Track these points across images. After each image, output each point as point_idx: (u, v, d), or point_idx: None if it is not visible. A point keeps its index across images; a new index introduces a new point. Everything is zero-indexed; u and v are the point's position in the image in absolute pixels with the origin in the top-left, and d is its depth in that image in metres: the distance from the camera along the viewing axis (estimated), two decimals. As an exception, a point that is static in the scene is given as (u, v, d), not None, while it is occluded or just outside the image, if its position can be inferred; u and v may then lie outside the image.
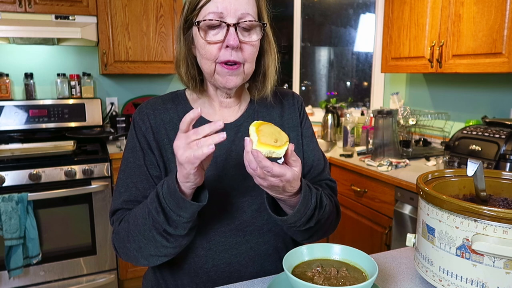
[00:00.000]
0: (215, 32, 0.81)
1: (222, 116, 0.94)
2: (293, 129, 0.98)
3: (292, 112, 1.00)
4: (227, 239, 0.88)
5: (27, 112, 2.60)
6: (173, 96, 0.96)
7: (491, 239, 0.66)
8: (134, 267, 2.51)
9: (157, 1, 2.61)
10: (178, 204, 0.73)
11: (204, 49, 0.82)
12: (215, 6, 0.79)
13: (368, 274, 0.73)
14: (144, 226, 0.78)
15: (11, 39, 2.46)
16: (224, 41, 0.80)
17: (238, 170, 0.90)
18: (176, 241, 0.79)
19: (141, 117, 0.92)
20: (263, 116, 0.96)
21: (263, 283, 0.85)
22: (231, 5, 0.80)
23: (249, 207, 0.89)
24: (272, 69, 0.91)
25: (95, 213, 2.31)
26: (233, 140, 0.92)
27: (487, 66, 1.87)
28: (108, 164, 2.31)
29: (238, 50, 0.81)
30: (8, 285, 2.18)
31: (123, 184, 0.89)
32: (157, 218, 0.76)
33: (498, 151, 1.77)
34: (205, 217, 0.86)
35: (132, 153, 0.91)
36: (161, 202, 0.75)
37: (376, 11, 3.01)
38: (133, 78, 2.97)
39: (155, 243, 0.79)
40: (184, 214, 0.74)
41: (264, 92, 0.93)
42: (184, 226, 0.76)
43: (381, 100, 3.05)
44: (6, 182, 2.10)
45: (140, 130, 0.91)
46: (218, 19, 0.80)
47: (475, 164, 0.75)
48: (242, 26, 0.81)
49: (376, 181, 2.12)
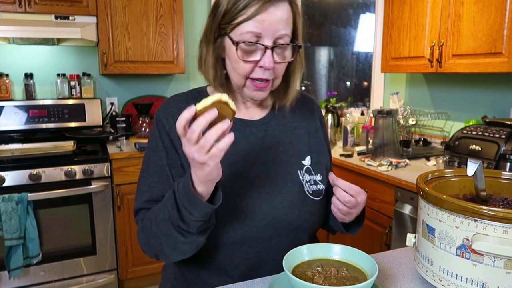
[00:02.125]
0: (251, 50, 0.82)
1: (248, 114, 0.96)
2: (314, 134, 1.02)
3: (312, 117, 1.04)
4: (260, 233, 0.89)
5: (27, 112, 2.60)
6: (195, 94, 0.97)
7: (491, 239, 0.66)
8: (134, 267, 2.51)
9: (157, 1, 2.61)
10: (190, 201, 0.73)
11: (238, 64, 0.83)
12: (254, 26, 0.79)
13: (368, 274, 0.73)
14: (163, 221, 0.79)
15: (11, 39, 2.46)
16: (259, 62, 0.82)
17: (269, 167, 0.92)
18: (191, 237, 0.79)
19: (165, 115, 0.92)
20: (287, 115, 0.99)
21: (263, 283, 0.85)
22: (271, 26, 0.79)
23: (281, 204, 0.91)
24: (297, 82, 0.94)
25: (95, 213, 2.31)
26: (263, 137, 0.94)
27: (487, 66, 1.87)
28: (108, 164, 2.31)
29: (271, 69, 0.83)
30: (8, 285, 2.18)
31: (145, 184, 0.91)
32: (172, 213, 0.77)
33: (498, 151, 1.77)
34: (240, 213, 0.88)
35: (154, 152, 0.91)
36: (176, 198, 0.76)
37: (376, 11, 3.01)
38: (133, 78, 2.97)
39: (172, 239, 0.80)
40: (195, 213, 0.74)
41: (286, 101, 0.96)
42: (194, 225, 0.76)
43: (381, 100, 3.05)
44: (6, 182, 2.10)
45: (164, 128, 0.91)
46: (255, 39, 0.80)
47: (475, 164, 0.75)
48: (278, 47, 0.82)
49: (376, 181, 2.12)
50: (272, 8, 0.79)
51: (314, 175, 0.96)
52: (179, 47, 2.71)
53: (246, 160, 0.91)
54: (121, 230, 2.43)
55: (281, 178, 0.92)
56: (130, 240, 2.47)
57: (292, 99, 0.95)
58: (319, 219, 0.97)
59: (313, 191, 0.94)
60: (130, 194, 2.42)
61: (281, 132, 0.97)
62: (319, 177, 0.97)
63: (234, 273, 0.91)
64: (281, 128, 0.97)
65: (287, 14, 0.81)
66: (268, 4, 0.78)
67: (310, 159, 0.97)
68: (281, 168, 0.93)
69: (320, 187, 0.96)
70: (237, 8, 0.79)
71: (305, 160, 0.96)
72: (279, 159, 0.94)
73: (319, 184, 0.96)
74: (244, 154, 0.91)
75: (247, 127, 0.93)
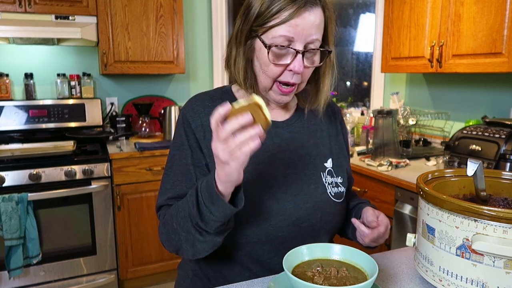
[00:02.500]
0: (282, 53, 0.82)
1: (272, 115, 0.95)
2: (335, 137, 1.03)
3: (334, 120, 1.05)
4: (284, 233, 0.90)
5: (27, 112, 2.60)
6: (221, 93, 0.97)
7: (491, 239, 0.66)
8: (134, 267, 2.51)
9: (157, 1, 2.61)
10: (212, 200, 0.74)
11: (268, 67, 0.84)
12: (287, 30, 0.79)
13: (368, 274, 0.73)
14: (183, 218, 0.80)
15: (11, 39, 2.46)
16: (289, 65, 0.82)
17: (293, 169, 0.93)
18: (208, 236, 0.79)
19: (192, 114, 0.92)
20: (310, 118, 1.00)
21: (263, 283, 0.85)
22: (304, 31, 0.80)
23: (304, 205, 0.91)
24: (327, 86, 0.94)
25: (95, 213, 2.31)
26: (287, 138, 0.94)
27: (487, 66, 1.87)
28: (108, 164, 2.31)
29: (300, 73, 0.83)
30: (8, 285, 2.18)
31: (169, 181, 0.92)
32: (192, 211, 0.77)
33: (498, 151, 1.77)
34: (265, 212, 0.88)
35: (179, 150, 0.92)
36: (198, 195, 0.76)
37: (376, 11, 3.01)
38: (133, 78, 2.97)
39: (191, 236, 0.80)
40: (215, 212, 0.74)
41: (317, 106, 0.96)
42: (213, 225, 0.77)
43: (381, 100, 3.05)
44: (6, 182, 2.10)
45: (190, 127, 0.91)
46: (287, 43, 0.81)
47: (475, 164, 0.75)
48: (308, 51, 0.83)
49: (376, 181, 2.12)
50: (306, 14, 0.79)
51: (335, 177, 0.97)
52: (179, 47, 2.71)
53: (271, 160, 0.91)
54: (121, 230, 2.43)
55: (305, 179, 0.93)
56: (130, 240, 2.46)
57: (323, 103, 0.95)
58: (340, 221, 0.99)
59: (335, 193, 0.95)
60: (130, 194, 2.42)
61: (305, 134, 0.97)
62: (340, 180, 0.98)
63: (256, 270, 0.91)
64: (305, 130, 0.98)
65: (320, 19, 0.82)
66: (303, 9, 0.79)
67: (331, 161, 0.98)
68: (305, 170, 0.94)
69: (341, 190, 0.97)
70: (270, 11, 0.79)
71: (327, 163, 0.97)
72: (303, 161, 0.94)
73: (340, 186, 0.97)
74: (269, 154, 0.92)
75: (272, 128, 0.93)
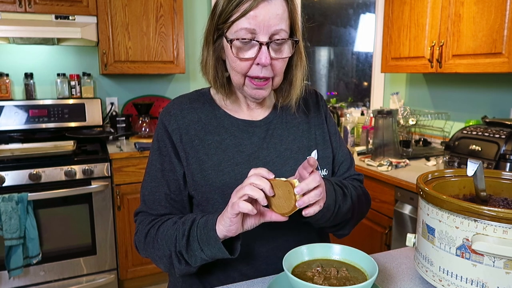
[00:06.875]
0: (247, 48, 0.81)
1: (250, 114, 0.95)
2: (319, 127, 1.00)
3: (317, 110, 1.02)
4: (266, 232, 0.89)
5: (27, 112, 2.60)
6: (198, 95, 0.97)
7: (491, 239, 0.66)
8: (134, 267, 2.51)
9: (157, 1, 2.61)
10: (208, 238, 0.76)
11: (235, 63, 0.83)
12: (247, 23, 0.78)
13: (368, 274, 0.73)
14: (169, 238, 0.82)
15: (11, 39, 2.46)
16: (256, 59, 0.81)
17: (271, 166, 0.92)
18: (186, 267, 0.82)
19: (168, 118, 0.92)
20: (290, 113, 0.98)
21: (263, 283, 0.85)
22: (265, 22, 0.78)
23: None
24: (300, 79, 0.92)
25: (95, 213, 2.31)
26: (264, 137, 0.94)
27: (487, 66, 1.87)
28: (108, 164, 2.31)
29: (268, 66, 0.82)
30: (8, 285, 2.18)
31: (146, 187, 0.93)
32: (179, 238, 0.80)
33: (498, 151, 1.77)
34: None
35: (155, 156, 0.93)
36: (191, 228, 0.78)
37: (376, 11, 3.01)
38: (133, 78, 2.97)
39: (168, 258, 0.83)
40: (207, 252, 0.77)
41: (289, 101, 0.93)
42: (198, 261, 0.79)
43: (381, 100, 3.05)
44: (6, 182, 2.10)
45: (166, 131, 0.91)
46: (250, 36, 0.79)
47: (475, 164, 0.75)
48: (274, 42, 0.81)
49: (376, 181, 2.12)
50: (265, 3, 0.78)
51: (319, 170, 0.95)
52: (179, 47, 2.71)
53: (250, 160, 0.91)
54: (121, 230, 2.43)
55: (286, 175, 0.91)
56: (130, 240, 2.46)
57: (296, 97, 0.92)
58: None
59: None
60: (130, 194, 2.42)
61: (284, 130, 0.96)
62: (324, 172, 0.96)
63: (248, 272, 0.91)
64: (284, 126, 0.97)
65: (282, 9, 0.80)
66: (262, 0, 0.78)
67: (316, 153, 0.96)
68: (285, 165, 0.93)
69: None
70: (231, 6, 0.79)
71: (312, 155, 0.96)
72: (282, 157, 0.93)
73: None
74: (247, 154, 0.91)
75: (250, 128, 0.93)
